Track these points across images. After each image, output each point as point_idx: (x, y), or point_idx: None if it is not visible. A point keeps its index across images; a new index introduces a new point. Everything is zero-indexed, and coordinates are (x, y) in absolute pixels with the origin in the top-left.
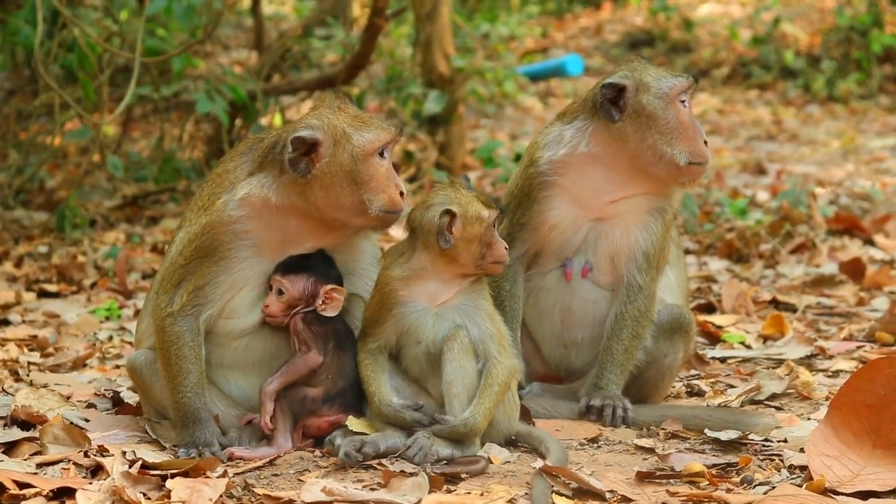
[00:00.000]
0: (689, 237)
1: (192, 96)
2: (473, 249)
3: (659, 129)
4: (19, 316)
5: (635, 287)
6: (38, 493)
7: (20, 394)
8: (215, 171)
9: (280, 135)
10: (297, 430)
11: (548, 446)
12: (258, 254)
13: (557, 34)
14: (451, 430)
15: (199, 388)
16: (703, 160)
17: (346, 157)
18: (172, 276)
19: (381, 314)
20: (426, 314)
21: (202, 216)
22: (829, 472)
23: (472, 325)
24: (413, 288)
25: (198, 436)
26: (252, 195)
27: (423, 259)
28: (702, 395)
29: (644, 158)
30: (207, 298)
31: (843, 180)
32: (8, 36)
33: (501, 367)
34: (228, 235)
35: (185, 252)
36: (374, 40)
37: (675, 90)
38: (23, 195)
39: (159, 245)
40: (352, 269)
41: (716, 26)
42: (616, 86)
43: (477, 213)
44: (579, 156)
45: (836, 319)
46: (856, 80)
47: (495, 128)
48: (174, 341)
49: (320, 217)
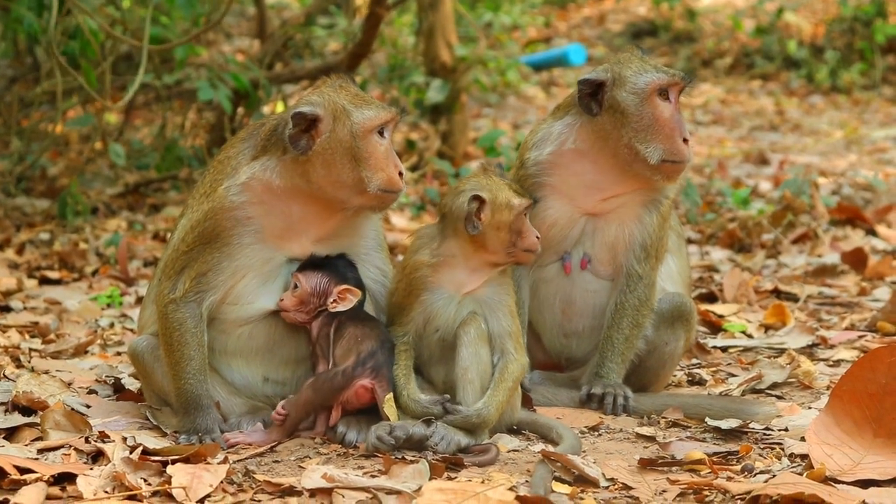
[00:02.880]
0: (692, 227)
1: (195, 84)
2: (503, 237)
3: (632, 125)
4: (21, 303)
5: (635, 276)
6: (39, 478)
7: (21, 380)
8: (217, 158)
9: (282, 117)
10: (337, 408)
11: (559, 433)
12: (261, 240)
13: (560, 24)
14: (463, 419)
15: (202, 375)
16: (679, 159)
17: (345, 134)
18: (175, 263)
19: (409, 300)
20: (451, 302)
21: (204, 202)
22: (830, 460)
23: (493, 319)
24: (441, 274)
25: (199, 422)
26: (255, 178)
27: (452, 246)
28: (703, 384)
29: (622, 155)
30: (210, 285)
31: (846, 170)
32: (11, 23)
33: (517, 365)
34: (231, 221)
35: (187, 238)
36: (376, 29)
37: (651, 86)
38: (25, 182)
39: (161, 233)
40: (354, 253)
41: (719, 16)
42: (592, 81)
43: (507, 201)
44: (567, 153)
45: (837, 309)
46: (859, 70)
47: (498, 117)
48: (177, 328)
49: (322, 197)
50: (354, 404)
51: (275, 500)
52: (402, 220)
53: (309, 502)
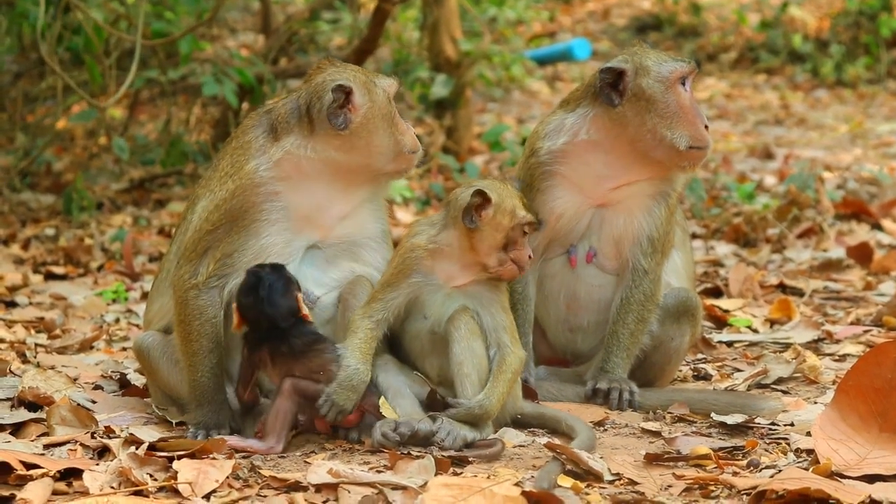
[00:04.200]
0: (697, 221)
1: (200, 79)
2: (497, 240)
3: (659, 112)
4: (26, 298)
5: (641, 271)
6: (45, 473)
7: (27, 375)
8: (231, 146)
9: (300, 96)
10: (320, 422)
11: (570, 424)
12: (286, 219)
13: (565, 18)
14: (466, 412)
15: (218, 369)
16: (704, 144)
17: (382, 100)
18: (197, 245)
19: (398, 279)
20: (439, 291)
21: (228, 182)
22: (836, 455)
23: (486, 314)
24: (435, 261)
25: (211, 417)
26: (290, 154)
27: (449, 236)
28: (708, 379)
29: (644, 142)
30: (234, 267)
31: (851, 165)
32: (15, 18)
33: (514, 357)
34: (260, 196)
35: (211, 218)
36: (382, 24)
37: (675, 74)
38: (30, 178)
39: (166, 228)
40: (359, 241)
41: (724, 10)
42: (615, 70)
43: (511, 208)
44: (580, 143)
45: (843, 304)
46: (864, 64)
47: (502, 112)
48: (197, 316)
49: (355, 169)
50: (344, 425)
51: (280, 495)
52: (406, 214)
53: (315, 497)
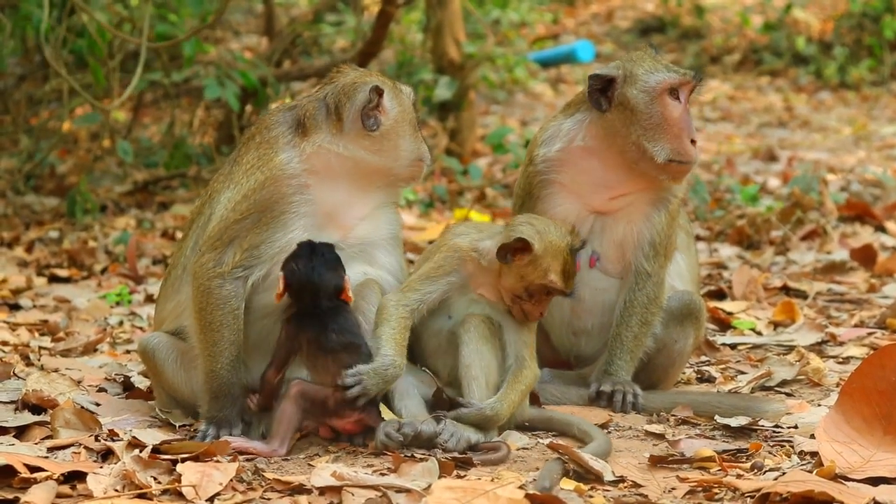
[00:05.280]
0: (700, 224)
1: (203, 82)
2: (520, 286)
3: (641, 123)
4: (30, 301)
5: (644, 274)
6: (49, 476)
7: (31, 378)
8: (255, 142)
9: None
10: (324, 429)
11: (582, 429)
12: (313, 214)
13: (568, 20)
14: (477, 413)
15: (238, 363)
16: (685, 159)
17: (409, 105)
18: (223, 234)
19: (438, 274)
20: (468, 294)
21: (256, 173)
22: (840, 458)
23: (509, 328)
24: (471, 267)
25: (225, 413)
26: (322, 149)
27: (489, 252)
28: (712, 382)
29: (629, 153)
30: (260, 259)
31: (855, 167)
32: (19, 20)
33: (530, 372)
34: (291, 188)
35: (238, 208)
36: (386, 27)
37: (662, 85)
38: (33, 180)
39: (169, 230)
40: (374, 242)
41: (727, 12)
42: (602, 77)
43: (546, 268)
44: (575, 150)
45: (846, 306)
46: (868, 66)
47: (506, 114)
48: (220, 306)
49: (377, 171)
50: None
51: (284, 498)
52: (410, 217)
53: (318, 500)
